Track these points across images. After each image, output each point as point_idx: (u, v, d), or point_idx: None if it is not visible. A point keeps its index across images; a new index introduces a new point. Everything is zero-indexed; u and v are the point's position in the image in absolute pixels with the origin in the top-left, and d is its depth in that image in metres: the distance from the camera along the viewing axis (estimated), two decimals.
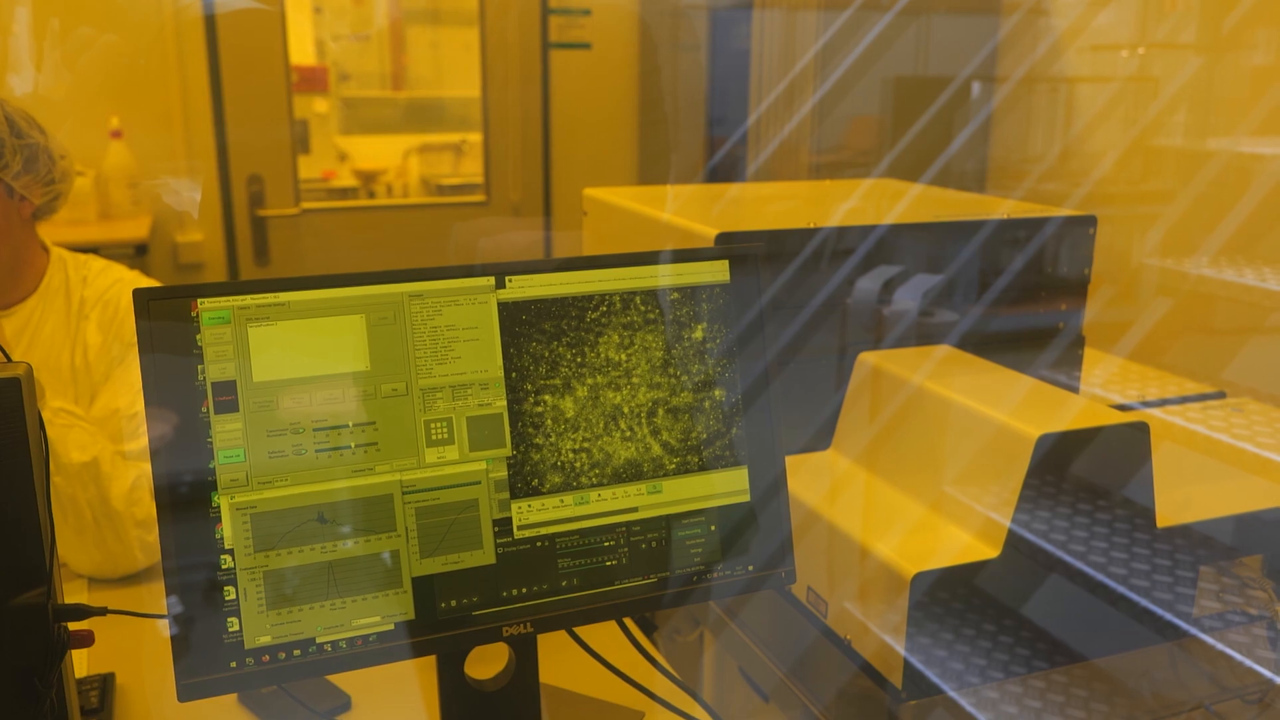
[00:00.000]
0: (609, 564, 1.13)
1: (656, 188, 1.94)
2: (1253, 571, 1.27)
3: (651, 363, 1.14)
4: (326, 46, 5.53)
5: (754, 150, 3.66)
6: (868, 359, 1.38)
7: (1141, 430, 1.17)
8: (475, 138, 4.24)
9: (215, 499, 1.01)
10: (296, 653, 1.03)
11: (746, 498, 1.18)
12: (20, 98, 2.27)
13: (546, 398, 1.11)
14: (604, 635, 1.25)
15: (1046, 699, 1.11)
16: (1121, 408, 1.68)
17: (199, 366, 1.01)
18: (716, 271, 1.17)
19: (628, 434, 1.13)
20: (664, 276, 1.15)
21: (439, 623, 1.07)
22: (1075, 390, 1.64)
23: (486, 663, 1.16)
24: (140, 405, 1.64)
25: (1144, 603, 1.13)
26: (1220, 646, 1.17)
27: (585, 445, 1.12)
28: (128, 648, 1.35)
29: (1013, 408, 1.19)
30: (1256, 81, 2.70)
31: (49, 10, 2.89)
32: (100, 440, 1.54)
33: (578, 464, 1.12)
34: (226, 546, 1.01)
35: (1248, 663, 1.16)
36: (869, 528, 1.20)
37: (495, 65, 3.77)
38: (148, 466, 1.56)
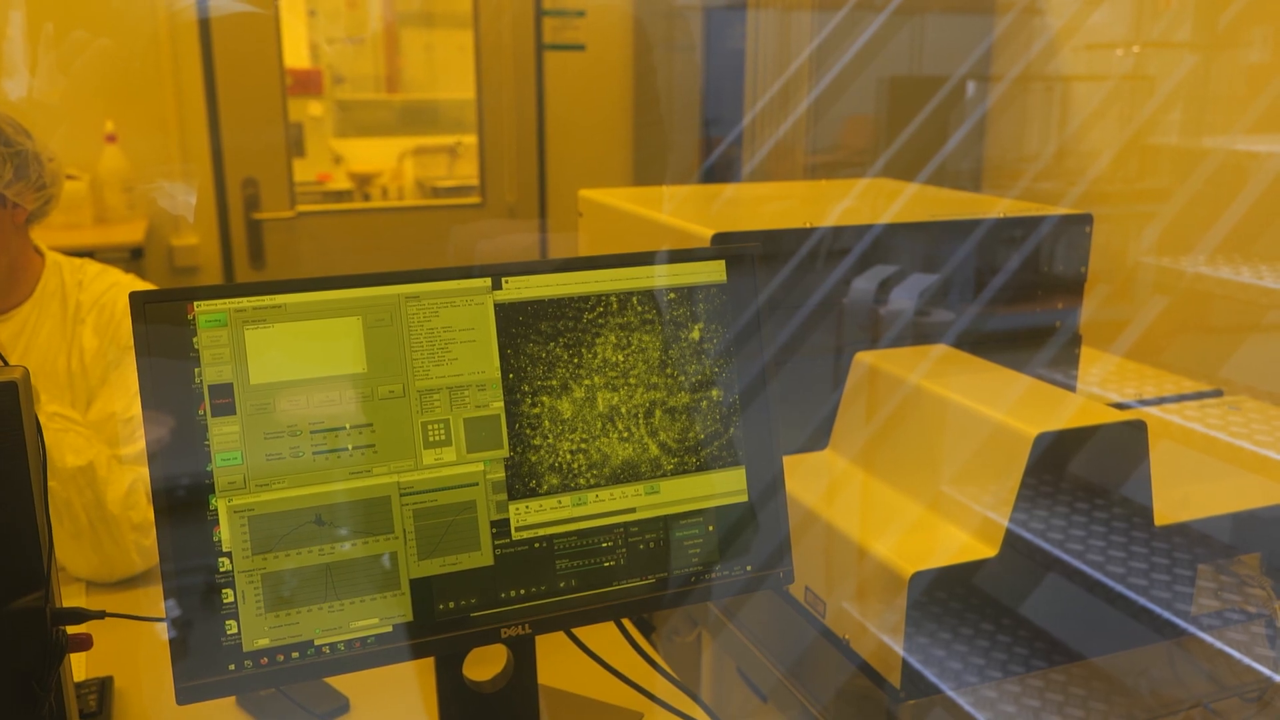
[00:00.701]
0: (607, 565, 1.13)
1: (652, 188, 1.94)
2: (1251, 569, 1.27)
3: (649, 363, 1.14)
4: (321, 49, 5.53)
5: (749, 150, 3.66)
6: (864, 358, 1.38)
7: (1139, 429, 1.17)
8: (470, 140, 4.24)
9: (213, 501, 1.01)
10: (295, 655, 1.03)
11: (744, 498, 1.18)
12: (14, 102, 2.26)
13: (544, 399, 1.11)
14: (602, 636, 1.25)
15: (1045, 698, 1.11)
16: (1119, 406, 1.68)
17: (196, 369, 1.01)
18: (713, 272, 1.17)
19: (625, 435, 1.13)
20: (661, 277, 1.15)
21: (437, 624, 1.07)
22: (1072, 389, 1.64)
23: (485, 664, 1.15)
24: (137, 409, 1.64)
25: (1142, 601, 1.14)
26: (1219, 645, 1.17)
27: (583, 446, 1.12)
28: (126, 651, 1.35)
29: (1010, 407, 1.19)
30: (1252, 79, 2.70)
31: (42, 14, 2.88)
32: (96, 444, 1.54)
33: (575, 465, 1.12)
34: (224, 549, 1.01)
35: (1246, 661, 1.16)
36: (867, 527, 1.20)
37: (490, 67, 3.77)
38: (144, 470, 1.56)
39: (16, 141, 1.60)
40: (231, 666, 1.01)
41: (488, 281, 1.10)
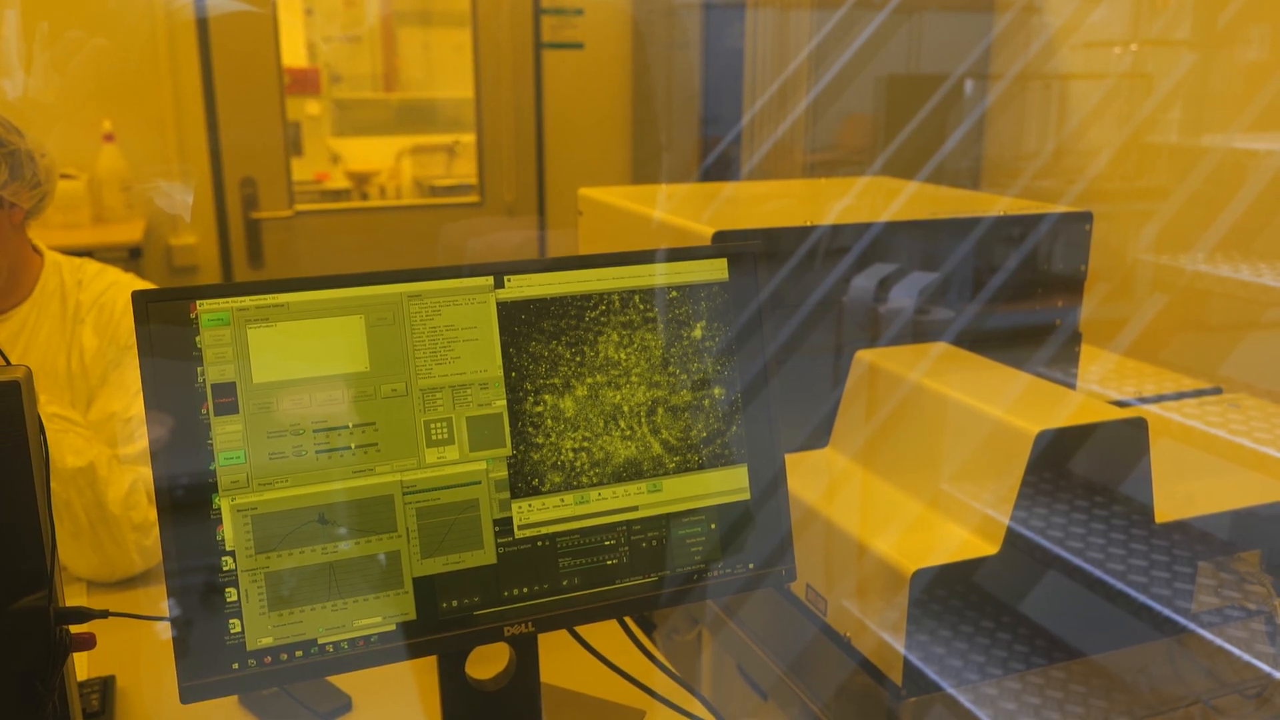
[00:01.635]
0: (609, 563, 1.13)
1: (651, 187, 1.94)
2: (1251, 566, 1.28)
3: (651, 361, 1.14)
4: (318, 48, 5.52)
5: (748, 149, 3.66)
6: (865, 357, 1.38)
7: (1139, 426, 1.18)
8: (468, 138, 4.24)
9: (216, 501, 1.01)
10: (298, 654, 1.03)
11: (746, 496, 1.18)
12: (10, 101, 2.26)
13: (546, 397, 1.11)
14: (604, 635, 1.25)
15: (1045, 695, 1.11)
16: (1119, 404, 1.68)
17: (199, 368, 1.01)
18: (715, 270, 1.17)
19: (627, 433, 1.13)
20: (662, 275, 1.15)
21: (440, 623, 1.07)
22: (1072, 387, 1.65)
23: (487, 663, 1.16)
24: (137, 408, 1.64)
25: (1142, 598, 1.14)
26: (1219, 642, 1.17)
27: (585, 444, 1.12)
28: (128, 651, 1.35)
29: (1010, 404, 1.19)
30: (1251, 77, 2.70)
31: (38, 13, 2.88)
32: (96, 445, 1.54)
33: (578, 463, 1.12)
34: (227, 548, 1.01)
35: (1246, 658, 1.16)
36: (868, 525, 1.20)
37: (488, 66, 3.77)
38: (145, 470, 1.56)
39: (9, 141, 1.59)
40: (235, 665, 1.01)
41: (490, 280, 1.10)
